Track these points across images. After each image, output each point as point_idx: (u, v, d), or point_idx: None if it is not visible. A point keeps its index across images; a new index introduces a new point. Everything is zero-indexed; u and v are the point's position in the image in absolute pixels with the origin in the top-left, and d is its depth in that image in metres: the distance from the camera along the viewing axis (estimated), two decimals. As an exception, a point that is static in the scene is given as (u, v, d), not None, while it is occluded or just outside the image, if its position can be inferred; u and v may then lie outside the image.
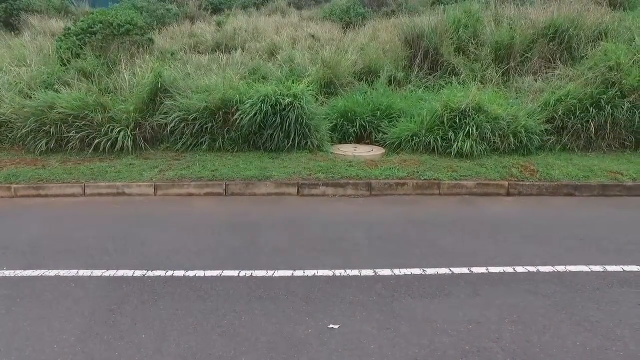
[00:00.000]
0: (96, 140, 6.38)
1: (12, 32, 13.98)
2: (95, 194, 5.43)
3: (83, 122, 6.44)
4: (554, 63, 8.89)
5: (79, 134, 6.43)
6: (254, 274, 3.37)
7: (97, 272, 3.41)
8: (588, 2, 12.14)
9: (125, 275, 3.37)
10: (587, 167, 5.94)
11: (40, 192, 5.44)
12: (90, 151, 6.43)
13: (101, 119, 6.41)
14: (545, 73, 8.73)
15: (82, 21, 10.37)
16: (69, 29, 10.31)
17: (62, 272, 3.41)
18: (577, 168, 5.88)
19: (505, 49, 9.30)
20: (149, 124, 6.65)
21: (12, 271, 3.44)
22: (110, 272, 3.41)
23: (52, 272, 3.41)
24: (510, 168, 5.81)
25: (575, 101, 6.73)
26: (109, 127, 6.39)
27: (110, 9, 16.58)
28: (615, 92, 6.67)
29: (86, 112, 6.43)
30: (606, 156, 6.50)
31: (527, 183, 5.48)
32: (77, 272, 3.42)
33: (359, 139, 7.03)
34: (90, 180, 5.54)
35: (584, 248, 3.88)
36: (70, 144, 6.49)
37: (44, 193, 5.44)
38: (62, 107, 6.42)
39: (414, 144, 6.40)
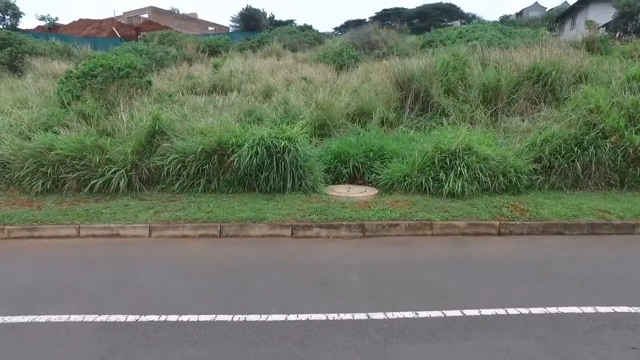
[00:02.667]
0: (93, 181, 6.46)
1: (16, 75, 14.31)
2: (90, 236, 5.44)
3: (81, 164, 6.55)
4: (539, 105, 9.25)
5: (76, 175, 6.51)
6: (247, 319, 3.36)
7: (89, 318, 3.39)
8: (568, 47, 12.81)
9: (118, 320, 3.35)
10: (576, 206, 6.06)
11: (34, 233, 5.45)
12: (86, 192, 6.50)
13: (99, 160, 6.52)
14: (532, 114, 9.06)
15: (84, 65, 10.69)
16: (71, 72, 10.61)
17: (53, 318, 3.39)
18: (566, 207, 6.00)
19: (492, 91, 9.68)
20: (145, 165, 6.75)
21: (1, 317, 3.41)
22: (103, 317, 3.39)
23: (43, 318, 3.39)
24: (501, 208, 5.91)
25: (560, 141, 6.96)
26: (106, 168, 6.49)
27: (111, 53, 17.13)
28: (597, 133, 6.92)
29: (84, 153, 6.55)
30: (594, 195, 6.65)
31: (518, 223, 5.57)
32: (69, 318, 3.39)
33: (353, 180, 7.16)
34: (85, 221, 5.56)
35: (575, 288, 3.92)
36: (67, 184, 6.57)
37: (37, 235, 5.44)
38: (60, 148, 6.55)
39: (406, 184, 6.54)
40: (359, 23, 45.21)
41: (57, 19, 42.46)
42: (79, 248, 5.16)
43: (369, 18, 58.44)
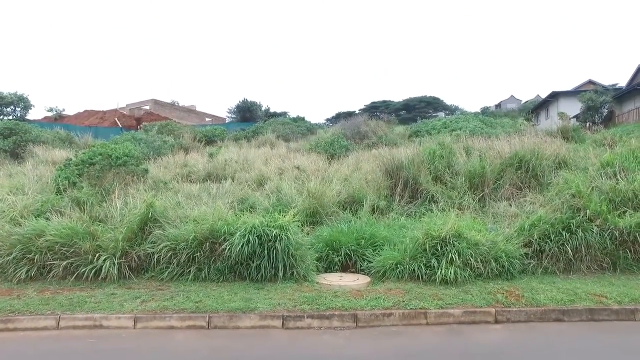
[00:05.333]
0: (80, 269, 6.31)
1: (16, 161, 14.64)
2: (70, 327, 5.17)
3: (70, 250, 6.45)
4: (524, 190, 9.57)
5: (64, 262, 6.37)
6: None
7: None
8: (545, 136, 13.64)
9: None
10: (571, 290, 5.99)
11: (9, 325, 5.13)
12: (72, 280, 6.31)
13: (89, 247, 6.44)
14: (518, 199, 9.33)
15: (83, 153, 11.06)
16: (70, 159, 10.93)
17: None
18: (561, 292, 5.92)
19: (478, 178, 10.04)
20: (136, 252, 6.68)
21: None
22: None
23: None
24: (495, 294, 5.83)
25: (548, 226, 7.09)
26: (95, 255, 6.39)
27: (110, 141, 17.80)
28: (583, 217, 7.09)
29: (74, 240, 6.49)
30: (588, 279, 6.61)
31: (514, 309, 5.45)
32: None
33: (345, 268, 7.09)
34: (66, 311, 5.33)
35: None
36: (53, 271, 6.39)
37: (12, 327, 5.13)
38: (51, 235, 6.49)
39: (399, 272, 6.48)
40: (349, 114, 47.95)
41: (63, 110, 44.74)
42: (56, 341, 4.87)
43: (359, 110, 62.20)
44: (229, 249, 6.35)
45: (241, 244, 6.26)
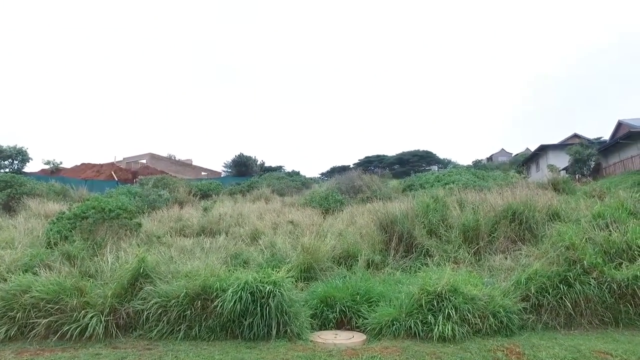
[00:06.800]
0: (64, 327, 6.06)
1: (9, 214, 14.49)
2: (50, 393, 4.91)
3: (55, 307, 6.22)
4: (518, 243, 9.56)
5: (47, 320, 6.12)
6: None
7: None
8: (536, 188, 13.86)
9: None
10: (574, 347, 5.80)
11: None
12: (55, 339, 6.03)
13: (75, 303, 6.24)
14: (513, 251, 9.29)
15: (77, 207, 11.02)
16: (63, 213, 10.86)
17: None
18: (564, 349, 5.74)
19: (472, 231, 10.05)
20: (125, 309, 6.47)
21: None
22: None
23: None
24: (495, 351, 5.63)
25: (544, 279, 7.01)
26: (82, 313, 6.17)
27: (105, 195, 17.79)
28: (579, 269, 7.04)
29: (61, 296, 6.29)
30: (590, 334, 6.43)
31: (516, 369, 5.25)
32: None
33: (340, 325, 6.88)
34: (46, 376, 5.07)
35: None
36: (35, 330, 6.13)
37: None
38: (36, 291, 6.30)
39: (395, 329, 6.29)
40: (343, 169, 48.73)
41: (61, 163, 45.15)
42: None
43: (353, 164, 63.30)
44: (220, 305, 6.19)
45: (233, 301, 6.11)
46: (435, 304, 6.39)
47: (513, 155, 65.02)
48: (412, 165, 63.30)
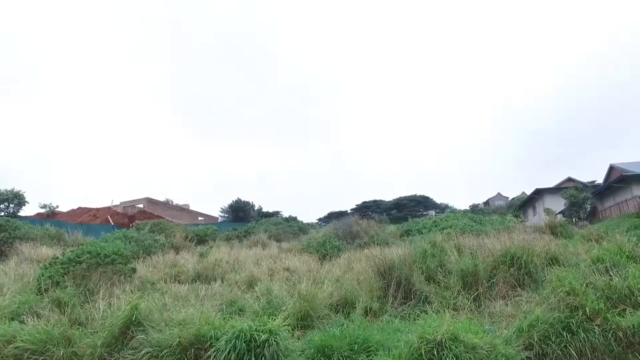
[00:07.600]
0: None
1: (0, 259, 14.18)
2: None
3: (41, 358, 6.00)
4: (518, 288, 9.40)
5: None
6: None
7: None
8: (534, 232, 13.83)
9: None
10: (583, 400, 5.58)
11: None
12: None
13: (62, 354, 6.02)
14: (513, 297, 9.11)
15: (71, 251, 10.83)
16: (57, 257, 10.63)
17: None
18: (572, 402, 5.51)
19: (471, 276, 9.89)
20: (115, 359, 6.24)
21: None
22: None
23: None
24: (500, 405, 5.40)
25: (547, 326, 6.83)
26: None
27: (101, 239, 17.58)
28: (582, 316, 6.89)
29: (48, 346, 6.08)
30: (599, 386, 6.20)
31: None
32: None
33: (337, 376, 6.62)
34: None
35: None
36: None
37: None
38: (21, 340, 6.08)
39: (395, 380, 6.06)
40: (341, 214, 48.69)
41: (57, 207, 45.00)
42: None
43: (351, 210, 63.38)
44: (214, 355, 5.98)
45: (227, 350, 5.92)
46: (436, 353, 6.18)
47: (510, 199, 65.29)
48: (409, 210, 63.29)
